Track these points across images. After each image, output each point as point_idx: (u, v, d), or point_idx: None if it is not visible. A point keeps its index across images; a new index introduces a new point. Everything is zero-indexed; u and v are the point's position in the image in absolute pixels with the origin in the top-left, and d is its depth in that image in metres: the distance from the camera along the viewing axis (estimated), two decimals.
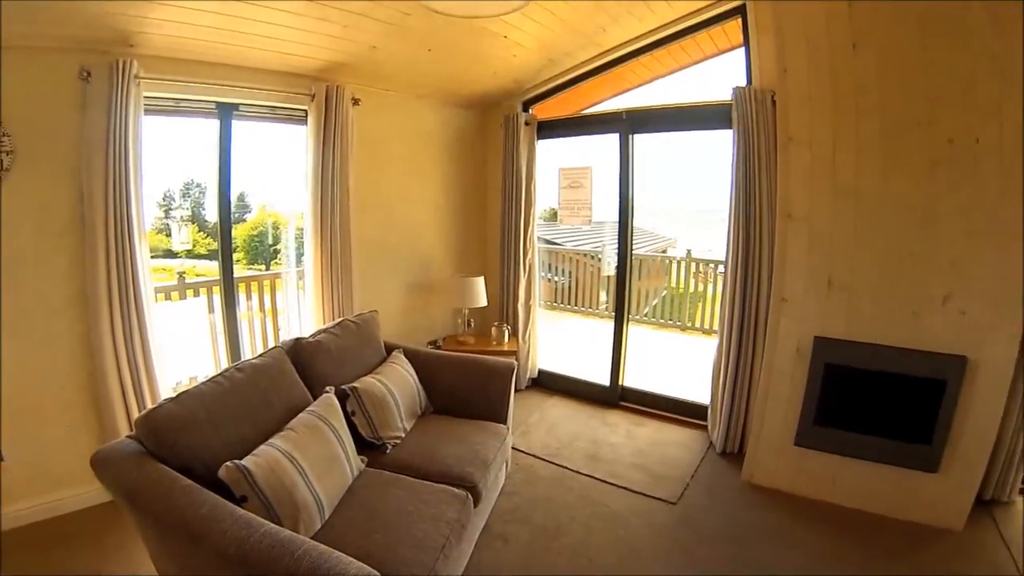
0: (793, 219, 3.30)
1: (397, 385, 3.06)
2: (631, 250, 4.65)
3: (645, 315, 7.66)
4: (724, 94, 3.79)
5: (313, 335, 3.04)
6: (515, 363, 3.45)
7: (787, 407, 3.46)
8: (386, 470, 2.62)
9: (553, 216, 8.10)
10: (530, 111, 4.89)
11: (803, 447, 3.45)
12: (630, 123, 4.39)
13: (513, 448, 3.78)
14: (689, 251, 7.58)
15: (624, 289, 4.71)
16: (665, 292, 7.67)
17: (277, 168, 4.26)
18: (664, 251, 10.11)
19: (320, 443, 2.33)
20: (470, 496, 2.51)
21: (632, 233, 4.61)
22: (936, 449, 3.16)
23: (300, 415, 2.39)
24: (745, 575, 2.79)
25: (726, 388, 3.90)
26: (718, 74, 4.38)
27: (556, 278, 8.19)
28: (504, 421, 3.27)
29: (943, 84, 2.95)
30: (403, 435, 2.94)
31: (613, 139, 4.47)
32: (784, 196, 3.34)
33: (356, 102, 3.96)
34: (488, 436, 3.03)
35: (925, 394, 3.16)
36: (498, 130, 4.87)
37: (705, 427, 4.23)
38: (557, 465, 3.78)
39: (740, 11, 3.85)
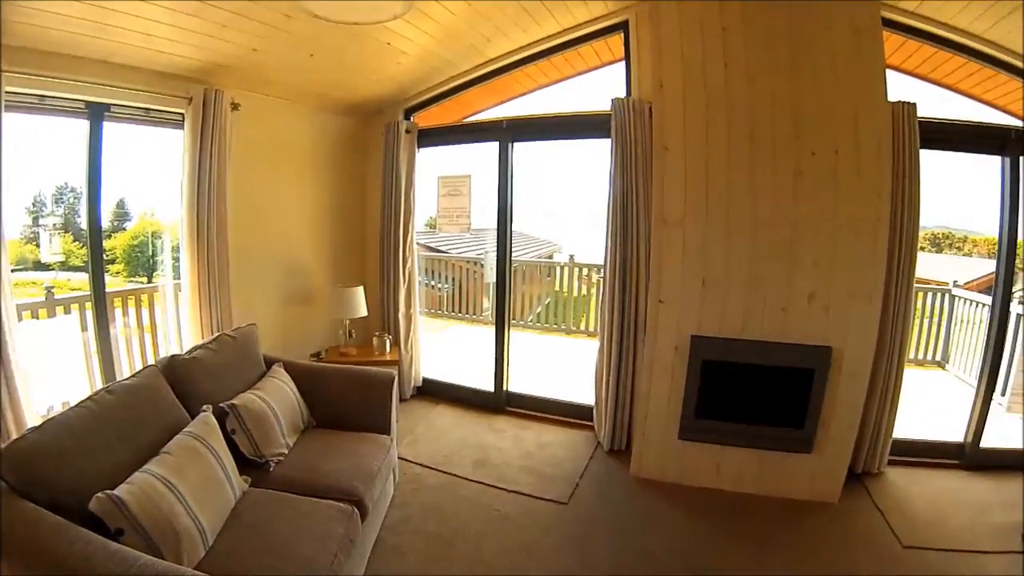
0: (668, 224, 3.52)
1: (277, 400, 2.95)
2: (511, 256, 4.76)
3: (532, 320, 7.82)
4: (605, 105, 3.96)
5: (189, 352, 2.87)
6: (395, 373, 3.41)
7: (669, 403, 3.67)
8: (270, 489, 2.52)
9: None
10: (412, 119, 4.88)
11: (686, 440, 3.69)
12: (511, 132, 4.49)
13: (401, 458, 3.73)
14: (572, 256, 7.81)
15: (504, 295, 4.79)
16: (551, 297, 7.85)
17: (157, 174, 3.97)
18: (550, 256, 10.34)
19: (199, 466, 2.20)
20: (356, 510, 2.46)
21: (511, 239, 4.71)
22: (809, 432, 3.53)
23: (176, 437, 2.24)
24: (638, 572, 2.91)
25: (609, 388, 4.06)
26: (600, 85, 4.56)
27: (440, 286, 8.18)
28: (387, 432, 3.24)
29: (808, 102, 3.34)
30: (286, 451, 2.84)
31: (495, 147, 4.55)
32: (659, 202, 3.55)
33: (236, 107, 3.79)
34: (372, 448, 3.00)
35: (796, 383, 3.51)
36: (380, 138, 4.81)
37: (592, 427, 4.37)
38: (446, 473, 3.78)
39: (623, 27, 4.10)
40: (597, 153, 4.19)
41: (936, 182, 4.04)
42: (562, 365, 6.25)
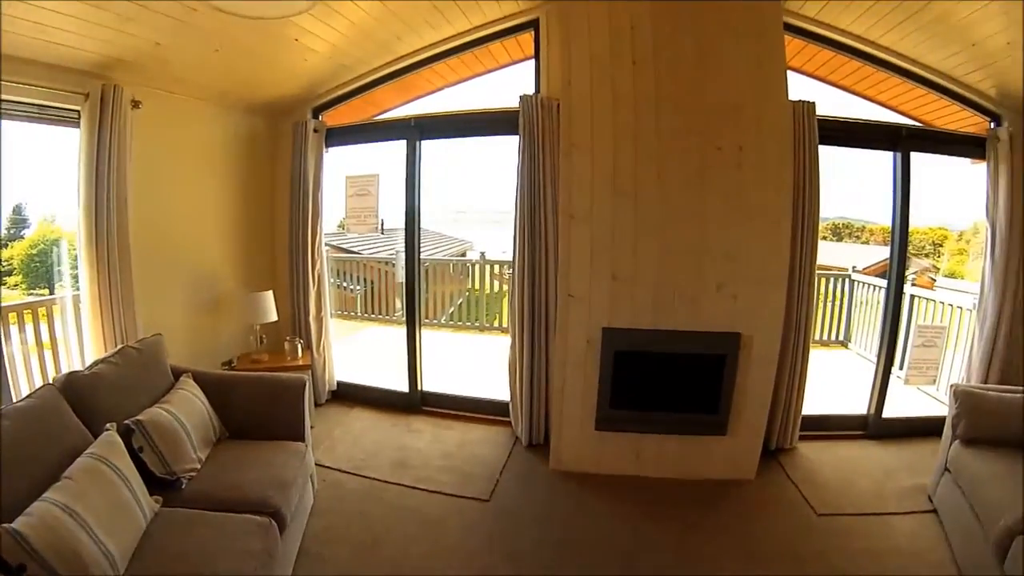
0: (576, 220, 3.63)
1: (187, 413, 2.86)
2: (419, 256, 4.80)
3: (446, 319, 7.83)
4: (515, 102, 4.03)
5: (90, 367, 2.74)
6: (306, 378, 3.38)
7: (584, 395, 3.79)
8: (183, 507, 2.44)
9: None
10: (320, 118, 4.80)
11: (603, 430, 3.82)
12: (418, 130, 4.50)
13: (319, 464, 3.71)
14: (483, 253, 7.84)
15: (414, 294, 4.82)
16: (465, 295, 7.87)
17: (57, 176, 3.68)
18: (463, 254, 10.34)
19: (104, 489, 2.11)
20: (273, 522, 2.43)
21: (420, 238, 4.75)
22: (723, 415, 3.74)
23: (78, 460, 2.14)
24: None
25: (524, 383, 4.16)
26: (511, 83, 4.62)
27: (353, 287, 8.07)
28: (302, 439, 3.19)
29: (713, 100, 3.53)
30: (198, 466, 2.76)
31: (405, 146, 4.55)
32: (566, 198, 3.66)
33: (136, 104, 3.59)
34: (287, 456, 2.95)
35: (708, 369, 3.71)
36: (288, 137, 4.71)
37: (510, 423, 4.45)
38: (366, 477, 3.77)
39: (533, 25, 4.18)
40: (509, 150, 4.23)
41: (836, 176, 4.39)
42: (478, 363, 6.30)
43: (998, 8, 3.21)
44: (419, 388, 4.88)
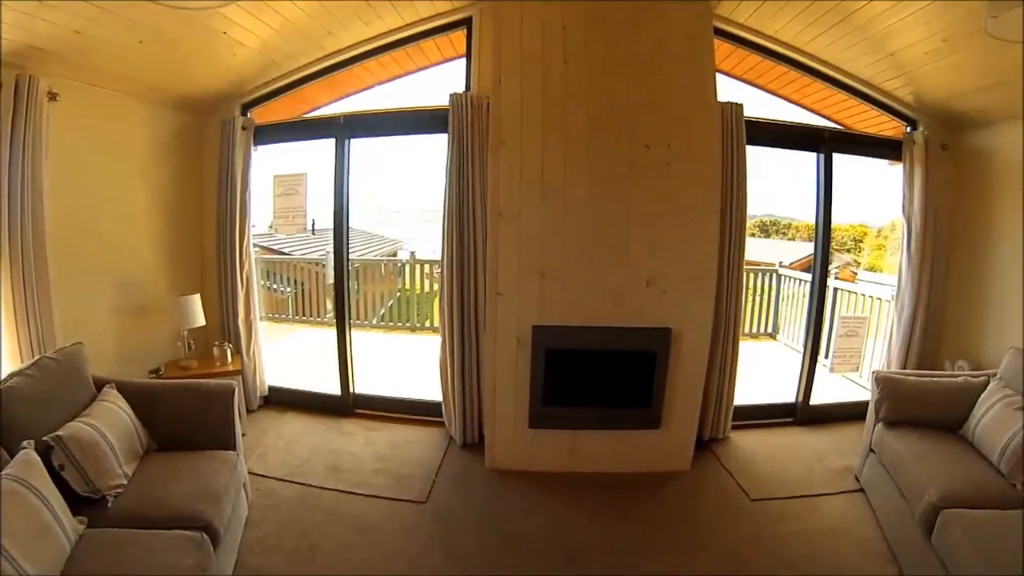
0: (504, 218, 3.68)
1: (111, 426, 2.76)
2: (347, 256, 4.80)
3: (378, 320, 7.80)
4: (446, 100, 4.04)
5: (3, 380, 2.61)
6: (235, 384, 3.33)
7: (516, 393, 3.86)
8: (110, 526, 2.36)
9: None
10: (249, 115, 4.70)
11: (537, 428, 3.90)
12: (347, 128, 4.48)
13: (252, 473, 3.67)
14: (413, 253, 7.83)
15: (343, 295, 4.81)
16: (397, 295, 7.83)
17: None
18: (394, 254, 10.29)
19: (22, 513, 2.01)
20: (206, 536, 2.39)
21: (348, 238, 4.76)
22: (655, 409, 3.87)
23: None
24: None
25: (455, 383, 4.20)
26: (443, 81, 4.64)
27: (284, 289, 7.93)
28: (233, 447, 3.15)
29: (642, 98, 3.63)
30: (125, 482, 2.67)
31: (347, 144, 4.52)
32: (494, 196, 3.71)
33: (54, 96, 3.37)
34: (217, 466, 2.90)
35: (639, 364, 3.83)
36: (216, 135, 4.59)
37: (443, 423, 4.48)
38: (300, 484, 3.74)
39: (466, 23, 4.21)
40: (441, 149, 4.23)
41: (765, 175, 4.59)
42: (411, 363, 6.30)
43: (917, 19, 3.41)
44: (351, 391, 4.87)
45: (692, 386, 3.92)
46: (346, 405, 4.84)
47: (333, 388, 4.90)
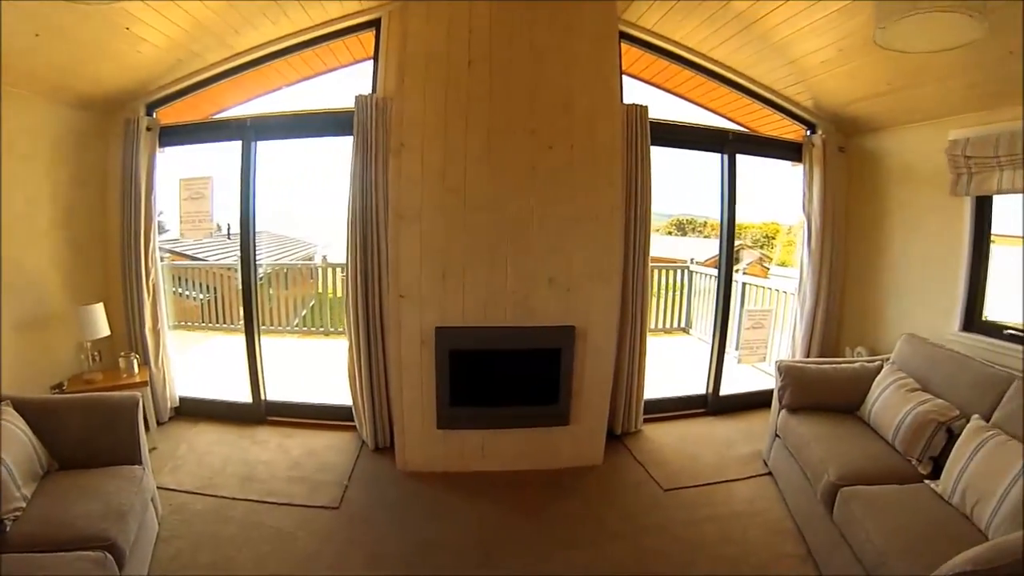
0: (405, 220, 3.70)
1: (6, 447, 2.62)
2: (255, 260, 4.71)
3: (296, 325, 7.68)
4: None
5: None
6: (139, 395, 3.24)
7: (423, 395, 3.87)
8: (10, 553, 2.26)
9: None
10: (155, 115, 4.53)
11: (446, 428, 3.92)
12: (254, 130, 4.41)
13: (163, 488, 3.56)
14: (325, 256, 7.73)
15: (251, 301, 4.71)
16: (314, 300, 7.69)
17: None
18: (310, 258, 10.10)
19: None
20: (109, 556, 2.33)
21: (255, 243, 4.67)
22: (563, 406, 3.95)
23: None
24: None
25: (364, 387, 4.19)
26: (354, 83, 4.59)
27: (197, 295, 7.67)
28: (139, 461, 3.07)
29: (546, 100, 3.70)
30: (24, 505, 2.54)
31: (254, 147, 4.44)
32: (396, 198, 3.73)
33: None
34: (122, 482, 2.82)
35: (545, 362, 3.89)
36: (120, 135, 4.41)
37: (355, 427, 4.45)
38: (213, 496, 3.65)
39: (375, 24, 4.19)
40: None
41: (681, 176, 4.78)
42: (326, 368, 6.20)
43: (814, 30, 3.59)
44: (262, 398, 4.77)
45: (599, 382, 4.02)
46: (259, 413, 4.75)
47: (243, 396, 4.79)
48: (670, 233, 18.16)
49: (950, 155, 4.02)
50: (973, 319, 4.14)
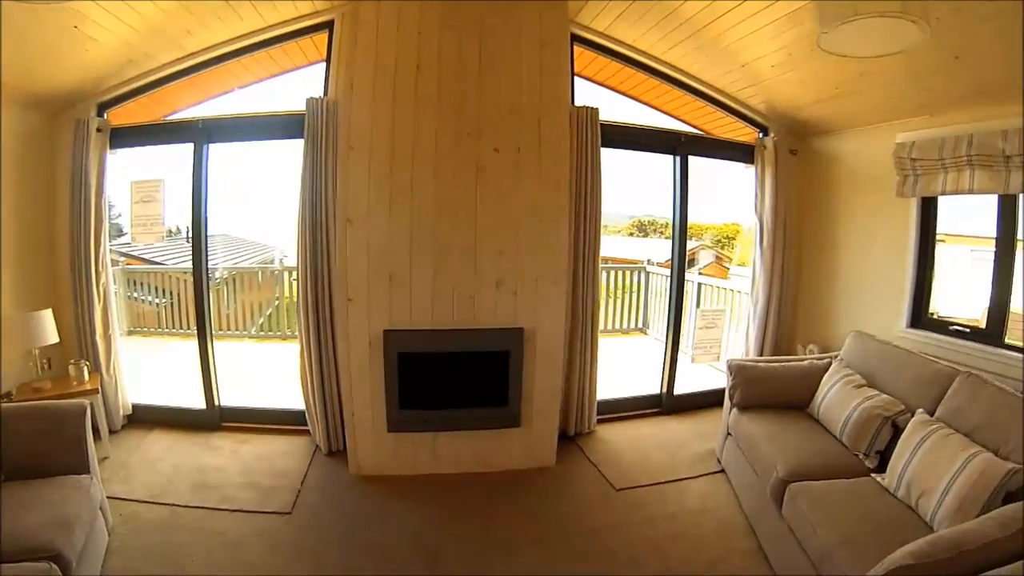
0: (353, 223, 3.67)
1: None
2: (207, 264, 4.63)
3: (257, 330, 7.58)
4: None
5: None
6: (87, 403, 3.15)
7: (373, 398, 3.84)
8: None
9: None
10: (106, 116, 4.42)
11: (397, 432, 3.89)
12: (206, 132, 4.33)
13: (114, 497, 3.46)
14: (282, 259, 7.67)
15: (203, 305, 4.63)
16: (276, 303, 7.61)
17: None
18: (271, 261, 10.00)
19: None
20: (55, 566, 2.26)
21: (207, 246, 4.60)
22: (514, 408, 3.94)
23: None
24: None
25: (316, 390, 4.15)
26: (309, 85, 4.49)
27: (155, 300, 7.53)
28: (87, 471, 2.98)
29: (494, 102, 3.70)
30: None
31: (206, 149, 4.35)
32: (344, 202, 3.70)
33: None
34: (68, 492, 2.74)
35: (494, 365, 3.89)
36: (69, 136, 4.29)
37: (309, 431, 4.39)
38: (165, 504, 3.57)
39: (329, 26, 4.13)
40: None
41: (643, 178, 4.84)
42: (282, 372, 6.05)
43: (764, 34, 3.65)
44: (216, 404, 4.68)
45: (550, 383, 4.02)
46: (213, 419, 4.65)
47: (197, 402, 4.70)
48: (631, 234, 18.29)
49: (896, 158, 4.13)
50: (920, 316, 4.26)
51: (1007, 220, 3.70)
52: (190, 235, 7.67)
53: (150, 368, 6.07)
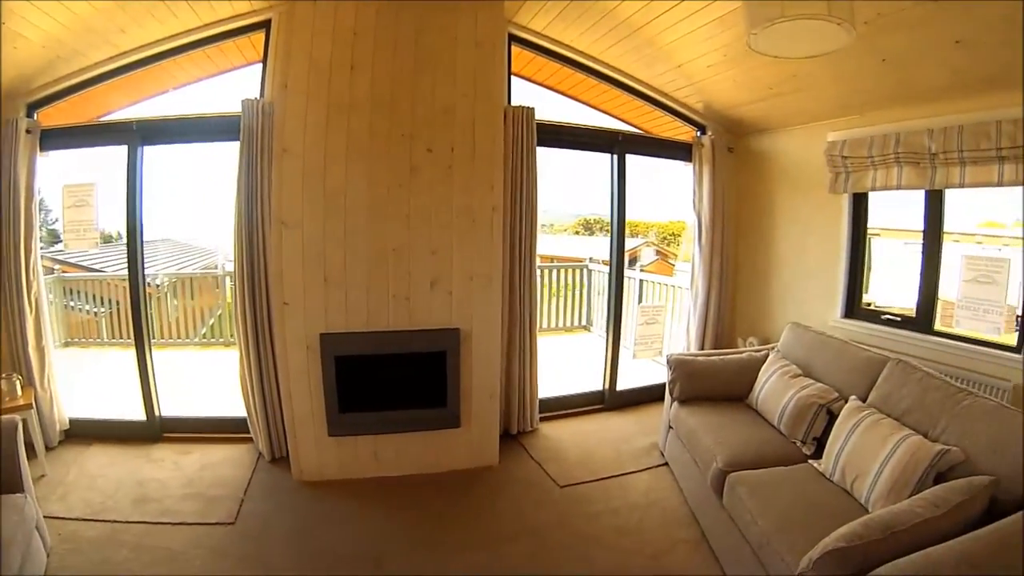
0: (287, 226, 3.61)
1: None
2: (143, 270, 4.46)
3: (202, 336, 7.41)
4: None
5: None
6: (18, 419, 2.99)
7: (313, 403, 3.78)
8: None
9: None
10: (35, 116, 4.21)
11: (338, 436, 3.84)
12: (140, 134, 4.16)
13: (52, 517, 3.31)
14: (224, 265, 7.53)
15: (140, 313, 4.43)
16: (221, 310, 7.45)
17: None
18: (215, 267, 9.78)
19: None
20: None
21: (143, 252, 4.42)
22: (453, 408, 3.92)
23: None
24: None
25: (256, 396, 4.05)
26: (250, 85, 4.35)
27: (97, 310, 7.28)
28: (20, 490, 2.83)
29: (427, 104, 3.68)
30: None
31: (145, 151, 4.21)
32: (278, 204, 3.63)
33: None
34: (3, 512, 2.58)
35: (431, 366, 3.86)
36: None
37: (252, 439, 4.29)
38: (105, 521, 3.42)
39: (266, 25, 4.03)
40: None
41: (590, 176, 4.87)
42: (227, 379, 5.92)
43: (700, 35, 3.71)
44: (157, 415, 4.51)
45: (488, 383, 4.02)
46: (154, 430, 4.48)
47: (137, 413, 4.52)
48: (577, 233, 18.41)
49: (828, 155, 4.26)
50: (854, 307, 4.42)
51: (933, 214, 3.86)
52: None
53: (89, 380, 5.84)
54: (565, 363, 6.16)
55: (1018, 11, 2.63)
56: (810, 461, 3.13)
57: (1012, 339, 3.52)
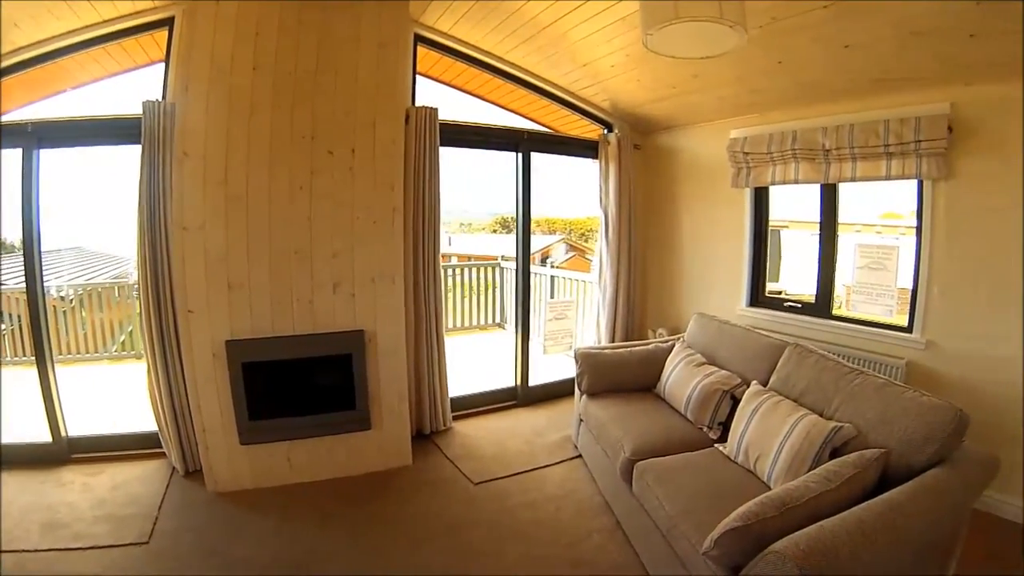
0: (189, 230, 3.51)
1: None
2: (43, 280, 4.22)
3: (116, 350, 7.10)
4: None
5: None
6: None
7: (222, 411, 3.69)
8: None
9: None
10: None
11: (249, 444, 3.75)
12: (36, 136, 3.90)
13: None
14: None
15: (40, 327, 4.16)
16: (132, 326, 7.15)
17: None
18: (127, 276, 9.36)
19: None
20: None
21: (41, 260, 4.16)
22: (362, 410, 3.90)
23: None
24: None
25: (166, 408, 3.89)
26: (155, 86, 4.11)
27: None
28: None
29: (328, 106, 3.63)
30: None
31: (37, 155, 3.93)
32: (179, 209, 3.52)
33: None
34: None
35: (338, 369, 3.83)
36: None
37: (164, 454, 4.11)
38: (11, 552, 3.20)
39: (170, 23, 3.84)
40: None
41: (504, 175, 4.90)
42: (140, 392, 5.71)
43: (603, 36, 3.78)
44: (63, 435, 4.23)
45: (396, 383, 4.02)
46: (61, 452, 4.19)
47: (39, 435, 4.23)
48: (495, 231, 18.53)
49: (730, 152, 4.43)
50: (758, 296, 4.62)
51: (828, 207, 4.09)
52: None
53: None
54: (479, 361, 6.21)
55: (901, 20, 2.83)
56: (716, 445, 3.23)
57: (903, 320, 3.77)
